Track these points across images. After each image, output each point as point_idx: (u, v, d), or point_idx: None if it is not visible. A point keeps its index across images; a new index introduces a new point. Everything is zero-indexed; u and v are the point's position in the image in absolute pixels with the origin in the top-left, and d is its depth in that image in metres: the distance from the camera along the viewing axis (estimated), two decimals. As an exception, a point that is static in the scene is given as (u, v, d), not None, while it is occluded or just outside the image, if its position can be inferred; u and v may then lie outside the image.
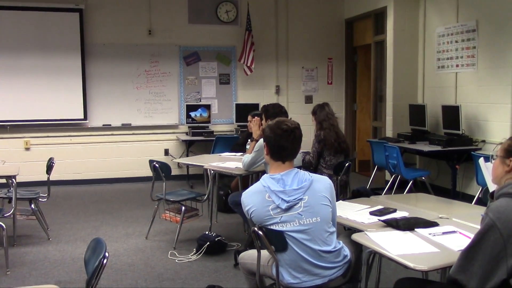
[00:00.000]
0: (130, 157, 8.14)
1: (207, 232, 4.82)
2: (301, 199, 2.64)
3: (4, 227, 4.23)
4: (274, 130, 2.75)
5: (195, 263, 4.45)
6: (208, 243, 4.60)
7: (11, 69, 7.52)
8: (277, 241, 2.66)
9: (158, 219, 5.22)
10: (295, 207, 2.63)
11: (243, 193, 2.80)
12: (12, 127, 7.59)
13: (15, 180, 4.60)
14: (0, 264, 4.28)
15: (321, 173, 4.92)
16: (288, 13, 8.71)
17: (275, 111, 4.69)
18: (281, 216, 2.63)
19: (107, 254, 2.28)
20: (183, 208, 4.92)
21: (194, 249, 4.67)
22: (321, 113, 5.22)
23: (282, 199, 2.63)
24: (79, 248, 4.84)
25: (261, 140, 4.49)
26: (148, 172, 5.28)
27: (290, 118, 2.94)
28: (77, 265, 4.38)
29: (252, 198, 2.72)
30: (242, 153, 5.61)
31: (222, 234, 4.84)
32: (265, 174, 2.81)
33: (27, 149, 7.74)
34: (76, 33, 7.75)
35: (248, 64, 8.24)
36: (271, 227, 2.65)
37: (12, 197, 4.64)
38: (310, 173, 2.75)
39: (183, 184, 7.50)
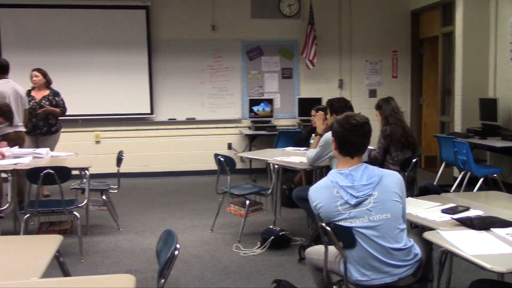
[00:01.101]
0: (194, 151, 8.31)
1: (271, 226, 4.84)
2: (370, 195, 2.60)
3: (79, 216, 4.44)
4: (342, 124, 2.71)
5: (260, 256, 4.49)
6: (272, 237, 4.63)
7: (82, 65, 7.85)
8: (345, 237, 2.63)
9: (222, 212, 5.30)
10: (365, 203, 2.59)
11: (311, 188, 2.79)
12: (83, 121, 7.93)
13: (88, 172, 4.79)
14: (74, 252, 4.49)
15: (388, 169, 4.81)
16: (352, 5, 8.58)
17: (341, 105, 4.64)
18: (350, 212, 2.60)
19: (178, 245, 2.32)
20: (248, 201, 4.96)
21: (259, 243, 4.71)
22: (387, 107, 5.09)
23: (351, 194, 2.60)
24: (148, 238, 5.00)
25: (326, 134, 4.46)
26: (212, 166, 5.36)
27: (360, 113, 2.89)
28: (146, 255, 4.53)
29: (319, 193, 2.70)
30: (305, 148, 5.59)
31: (286, 229, 4.85)
32: (333, 169, 2.78)
33: (98, 142, 8.07)
34: (143, 29, 7.98)
35: (311, 58, 8.19)
36: (339, 223, 2.62)
37: (85, 188, 4.85)
38: (380, 168, 2.70)
39: (245, 178, 7.58)
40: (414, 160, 4.84)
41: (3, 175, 5.13)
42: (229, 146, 8.39)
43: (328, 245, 2.77)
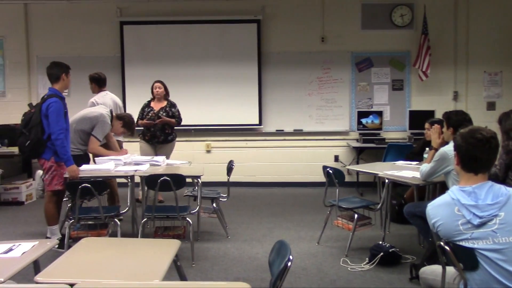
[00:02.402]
0: (301, 162, 8.33)
1: (380, 242, 4.70)
2: (496, 216, 2.43)
3: (191, 222, 4.61)
4: (466, 139, 2.57)
5: (368, 273, 4.37)
6: (381, 253, 4.48)
7: (196, 77, 8.22)
8: (466, 258, 2.48)
9: (328, 225, 5.24)
10: (489, 223, 2.43)
11: (429, 204, 2.67)
12: (196, 131, 8.29)
13: (200, 180, 4.97)
14: (186, 256, 4.66)
15: (510, 187, 4.48)
16: (469, 12, 8.15)
17: (458, 118, 4.42)
18: (472, 232, 2.45)
19: (291, 257, 2.33)
20: (356, 215, 4.86)
21: (367, 259, 4.59)
22: (506, 122, 4.75)
23: (474, 214, 2.45)
24: (255, 247, 5.07)
25: (442, 149, 4.26)
26: (317, 178, 5.34)
27: (486, 127, 2.71)
28: (254, 264, 4.60)
29: (439, 211, 2.58)
30: (417, 162, 5.38)
31: (396, 245, 4.67)
32: (454, 186, 2.64)
33: (208, 151, 8.38)
34: (253, 42, 8.18)
35: (424, 69, 7.89)
36: (460, 243, 2.48)
37: (197, 196, 5.04)
38: (508, 187, 2.52)
39: (352, 191, 7.44)
40: (541, 179, 4.46)
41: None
42: (336, 159, 8.30)
43: (446, 266, 2.63)
